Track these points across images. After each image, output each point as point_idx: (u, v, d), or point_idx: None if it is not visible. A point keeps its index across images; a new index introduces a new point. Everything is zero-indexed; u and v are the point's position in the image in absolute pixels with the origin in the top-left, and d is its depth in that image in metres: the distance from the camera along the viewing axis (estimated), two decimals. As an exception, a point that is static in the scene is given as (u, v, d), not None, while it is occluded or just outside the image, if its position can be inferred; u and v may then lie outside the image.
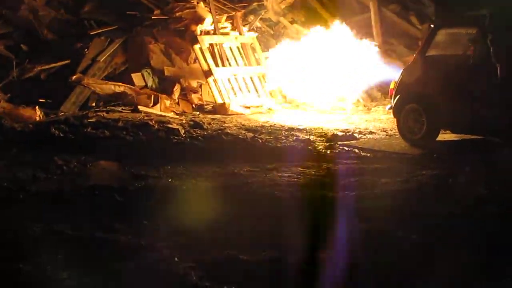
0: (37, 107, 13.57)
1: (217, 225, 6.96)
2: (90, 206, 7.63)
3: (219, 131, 12.27)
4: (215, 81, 15.48)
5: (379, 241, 6.43)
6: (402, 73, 12.03)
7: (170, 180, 9.08)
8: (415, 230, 6.71)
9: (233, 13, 16.95)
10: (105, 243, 6.34)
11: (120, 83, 15.19)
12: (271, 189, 8.42)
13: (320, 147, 11.31)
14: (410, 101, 11.67)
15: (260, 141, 11.49)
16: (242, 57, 16.35)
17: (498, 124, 10.68)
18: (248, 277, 5.64)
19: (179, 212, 7.33)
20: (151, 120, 13.21)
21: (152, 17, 16.39)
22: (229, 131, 12.28)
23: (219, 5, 17.06)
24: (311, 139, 11.86)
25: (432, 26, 12.16)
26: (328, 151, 11.02)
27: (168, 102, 14.91)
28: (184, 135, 11.91)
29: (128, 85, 15.16)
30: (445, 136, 11.81)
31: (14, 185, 8.84)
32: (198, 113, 14.94)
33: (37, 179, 9.38)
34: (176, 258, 5.89)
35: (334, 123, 13.56)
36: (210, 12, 16.26)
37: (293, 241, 6.29)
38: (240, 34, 16.63)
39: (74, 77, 14.93)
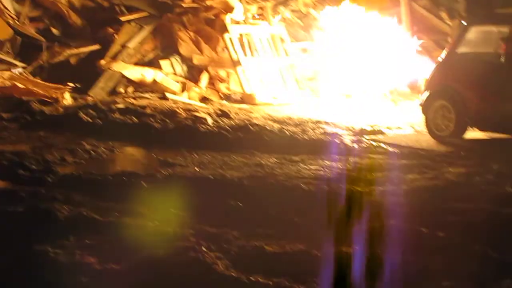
0: (65, 91, 13.66)
1: (243, 215, 6.99)
2: (118, 192, 7.66)
3: (246, 121, 12.28)
4: (243, 71, 15.49)
5: (404, 237, 6.42)
6: (433, 69, 11.98)
7: (197, 169, 9.11)
8: (441, 227, 6.69)
9: (264, 3, 16.95)
10: (133, 229, 6.39)
11: (149, 68, 15.24)
12: (297, 181, 8.42)
13: (347, 140, 11.29)
14: (439, 98, 11.63)
15: (287, 132, 11.48)
16: (271, 47, 16.34)
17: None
18: (274, 268, 5.65)
19: (205, 201, 7.35)
20: (178, 107, 13.24)
21: (183, 5, 16.41)
22: (256, 122, 12.28)
23: (250, -5, 17.08)
24: (339, 133, 11.84)
25: (463, 23, 12.08)
26: (356, 145, 11.01)
27: (196, 90, 14.94)
28: (211, 124, 11.94)
29: (157, 71, 15.21)
30: (472, 134, 11.74)
31: (43, 167, 8.94)
32: (225, 102, 14.96)
33: (65, 162, 9.49)
34: (203, 247, 5.91)
35: (362, 117, 13.52)
36: (241, 1, 16.26)
37: (319, 234, 6.30)
38: (270, 24, 16.62)
39: (103, 62, 15.00)
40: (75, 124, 11.74)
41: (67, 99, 13.57)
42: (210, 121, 12.15)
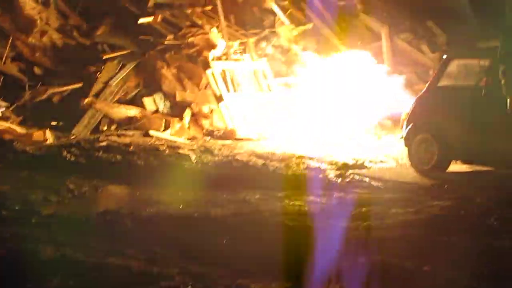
0: (47, 130, 13.62)
1: (229, 253, 6.96)
2: (102, 231, 7.62)
3: (229, 157, 12.28)
4: (226, 106, 15.50)
5: (391, 273, 6.41)
6: (414, 102, 12.03)
7: (181, 206, 9.08)
8: (426, 261, 6.68)
9: (246, 40, 17.02)
10: (118, 270, 6.34)
11: (132, 107, 15.24)
12: (282, 217, 8.41)
13: (331, 175, 11.30)
14: (421, 131, 11.68)
15: (271, 168, 11.48)
16: (253, 83, 16.37)
17: (509, 156, 10.67)
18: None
19: (191, 239, 7.33)
20: (162, 144, 13.23)
21: (165, 42, 16.45)
22: (239, 158, 12.28)
23: (232, 31, 17.14)
24: (322, 167, 11.84)
25: (444, 56, 12.17)
26: (339, 180, 11.01)
27: (179, 127, 14.94)
28: (195, 161, 11.92)
29: (140, 109, 15.21)
30: (456, 167, 11.78)
31: (26, 208, 8.88)
32: (209, 138, 14.95)
33: (49, 203, 9.43)
34: (189, 286, 5.88)
35: (345, 151, 13.53)
36: (223, 38, 16.33)
37: (305, 271, 6.28)
38: (252, 60, 16.67)
39: (86, 100, 14.98)
40: (58, 163, 11.69)
41: (49, 138, 13.52)
42: (193, 157, 12.14)
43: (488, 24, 16.49)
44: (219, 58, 16.21)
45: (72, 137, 13.96)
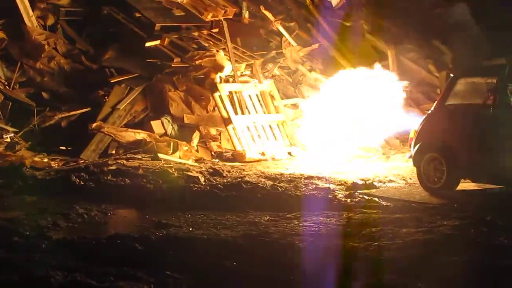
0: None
1: (239, 275, 6.96)
2: (112, 255, 7.62)
3: (238, 179, 12.30)
4: (234, 129, 15.54)
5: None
6: (422, 121, 12.03)
7: (191, 229, 9.09)
8: (437, 282, 6.68)
9: (252, 61, 17.08)
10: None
11: (140, 130, 15.28)
12: (292, 238, 8.42)
13: (340, 195, 11.30)
14: (430, 150, 11.66)
15: (280, 189, 11.49)
16: (261, 104, 16.42)
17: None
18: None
19: (201, 262, 7.32)
20: (170, 167, 13.26)
21: (172, 65, 16.52)
22: (248, 179, 12.30)
23: (238, 54, 17.21)
24: (331, 188, 11.86)
25: (451, 75, 12.18)
26: (348, 200, 11.02)
27: (187, 150, 14.97)
28: (204, 183, 11.95)
29: (148, 132, 15.25)
30: (465, 185, 11.76)
31: (35, 233, 8.89)
32: (217, 160, 14.98)
33: (58, 227, 9.45)
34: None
35: (353, 171, 13.55)
36: (230, 60, 16.39)
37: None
38: (259, 82, 16.73)
39: (94, 124, 15.03)
40: (67, 187, 11.71)
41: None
42: (202, 180, 12.17)
43: (494, 41, 16.61)
44: (226, 81, 16.27)
45: (81, 162, 13.99)
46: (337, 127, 15.46)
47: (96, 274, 6.89)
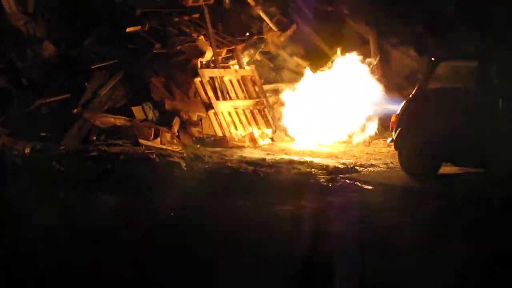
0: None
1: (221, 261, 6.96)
2: (92, 241, 7.60)
3: (220, 164, 12.27)
4: (215, 114, 15.51)
5: (386, 277, 6.42)
6: (403, 106, 12.02)
7: (172, 214, 9.06)
8: (416, 265, 6.70)
9: (233, 47, 17.03)
10: (109, 279, 6.33)
11: (121, 116, 15.20)
12: (274, 222, 8.40)
13: (322, 180, 11.30)
14: (411, 134, 11.66)
15: (261, 174, 11.48)
16: (242, 90, 16.39)
17: (500, 157, 10.67)
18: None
19: (183, 249, 7.31)
20: (152, 153, 13.20)
21: (153, 51, 16.45)
22: (230, 164, 12.28)
23: (220, 39, 17.14)
24: (313, 172, 11.85)
25: (432, 59, 12.15)
26: (330, 184, 11.01)
27: (168, 135, 14.92)
28: (185, 168, 11.91)
29: (129, 118, 15.18)
30: (446, 168, 11.77)
31: (16, 217, 8.84)
32: (198, 146, 14.94)
33: (40, 213, 9.37)
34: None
35: (335, 156, 13.56)
36: (211, 45, 16.33)
37: (297, 276, 6.29)
38: (240, 67, 16.69)
39: (75, 110, 14.95)
40: (47, 173, 11.63)
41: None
42: (184, 165, 12.13)
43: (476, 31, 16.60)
44: (207, 66, 16.22)
45: (62, 148, 13.91)
46: (318, 112, 15.46)
47: (74, 259, 6.86)
